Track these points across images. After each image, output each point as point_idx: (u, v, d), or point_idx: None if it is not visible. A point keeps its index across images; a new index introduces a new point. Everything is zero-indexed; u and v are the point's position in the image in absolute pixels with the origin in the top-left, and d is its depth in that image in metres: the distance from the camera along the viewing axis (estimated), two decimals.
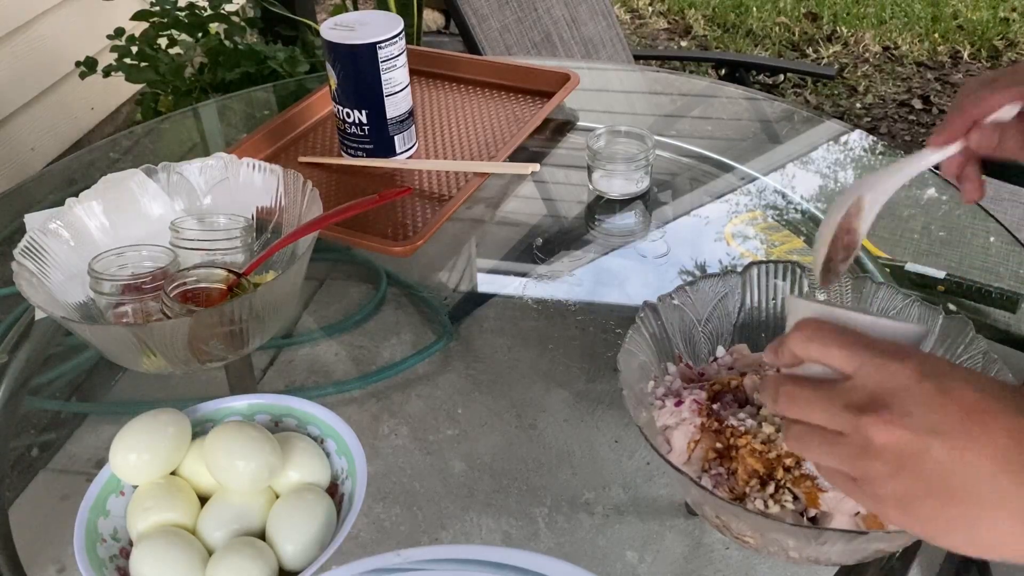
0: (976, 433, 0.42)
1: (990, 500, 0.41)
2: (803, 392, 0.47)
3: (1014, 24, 3.29)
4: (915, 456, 0.42)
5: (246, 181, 0.84)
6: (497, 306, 0.90)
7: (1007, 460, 0.41)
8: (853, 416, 0.44)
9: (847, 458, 0.45)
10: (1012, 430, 0.42)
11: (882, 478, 0.43)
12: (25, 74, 2.26)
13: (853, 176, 1.08)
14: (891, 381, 0.44)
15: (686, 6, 3.55)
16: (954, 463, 0.42)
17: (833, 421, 0.45)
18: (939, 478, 0.42)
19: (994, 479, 0.41)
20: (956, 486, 0.42)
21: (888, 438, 0.43)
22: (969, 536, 0.42)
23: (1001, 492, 0.41)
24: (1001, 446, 0.41)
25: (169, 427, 0.62)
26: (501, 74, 1.20)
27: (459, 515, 0.67)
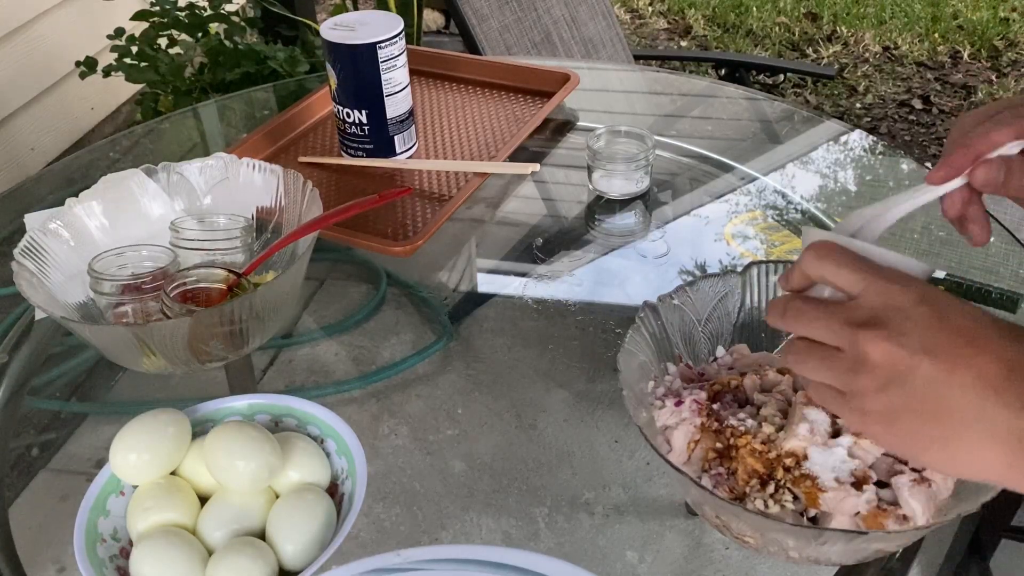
0: (967, 355, 0.43)
1: (972, 420, 0.42)
2: (808, 308, 0.48)
3: (1014, 24, 3.29)
4: (905, 372, 0.44)
5: (246, 181, 0.84)
6: (497, 306, 0.90)
7: (993, 383, 0.42)
8: (851, 331, 0.45)
9: (840, 372, 0.46)
10: (1002, 357, 0.43)
11: (871, 392, 0.45)
12: (25, 74, 2.26)
13: (853, 176, 1.08)
14: (892, 302, 0.45)
15: (686, 6, 3.55)
16: (941, 382, 0.43)
17: (832, 336, 0.47)
18: (925, 395, 0.43)
19: (978, 400, 0.42)
20: (941, 404, 0.43)
21: (881, 353, 0.44)
22: (947, 454, 0.43)
23: (983, 413, 0.42)
24: (989, 370, 0.43)
25: (169, 427, 0.62)
26: (501, 74, 1.20)
27: (459, 515, 0.67)
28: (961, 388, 0.43)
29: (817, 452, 0.56)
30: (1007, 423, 0.42)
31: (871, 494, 0.55)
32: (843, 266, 0.48)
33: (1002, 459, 0.42)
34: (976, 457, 0.43)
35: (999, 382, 0.42)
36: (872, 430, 0.46)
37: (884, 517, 0.54)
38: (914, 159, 1.10)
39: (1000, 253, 0.91)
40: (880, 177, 1.10)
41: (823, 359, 0.47)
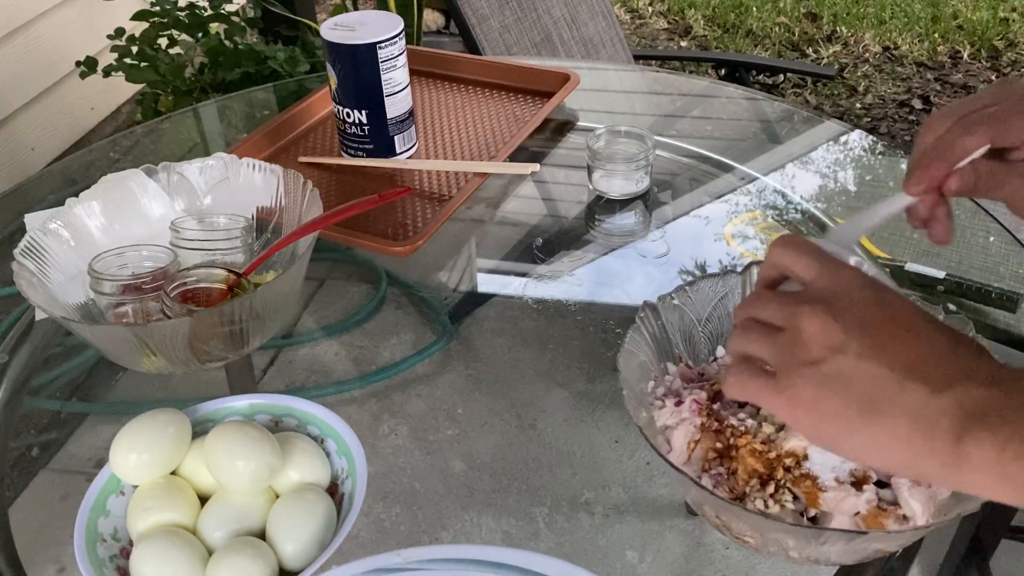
0: (900, 338, 0.44)
1: (894, 401, 0.42)
2: (765, 293, 0.50)
3: (1014, 24, 3.29)
4: (837, 347, 0.44)
5: (246, 181, 0.84)
6: (497, 306, 0.90)
7: (920, 367, 0.43)
8: (793, 307, 0.46)
9: (777, 347, 0.46)
10: (934, 343, 0.44)
11: (801, 367, 0.45)
12: (25, 74, 2.26)
13: (853, 176, 1.08)
14: (838, 285, 0.46)
15: (686, 6, 3.55)
16: (869, 362, 0.43)
17: (777, 313, 0.47)
18: (855, 373, 0.43)
19: (902, 382, 0.43)
20: (868, 382, 0.43)
21: (817, 327, 0.45)
22: (869, 436, 0.43)
23: (905, 395, 0.42)
24: (919, 354, 0.43)
25: (169, 427, 0.62)
26: (501, 74, 1.20)
27: (459, 515, 0.67)
28: (889, 367, 0.43)
29: (817, 452, 0.56)
30: (924, 400, 0.42)
31: (871, 494, 0.55)
32: (802, 255, 0.49)
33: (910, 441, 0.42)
34: (894, 442, 0.42)
35: (926, 364, 0.43)
36: (797, 415, 0.45)
37: (884, 517, 0.54)
38: None
39: (1000, 253, 0.91)
40: (880, 177, 1.10)
41: (763, 334, 0.47)
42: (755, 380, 0.47)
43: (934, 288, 0.85)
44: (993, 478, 0.40)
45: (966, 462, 0.41)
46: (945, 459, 0.41)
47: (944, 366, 0.43)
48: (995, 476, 0.40)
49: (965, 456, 0.41)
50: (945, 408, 0.42)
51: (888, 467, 0.44)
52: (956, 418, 0.41)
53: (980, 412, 0.41)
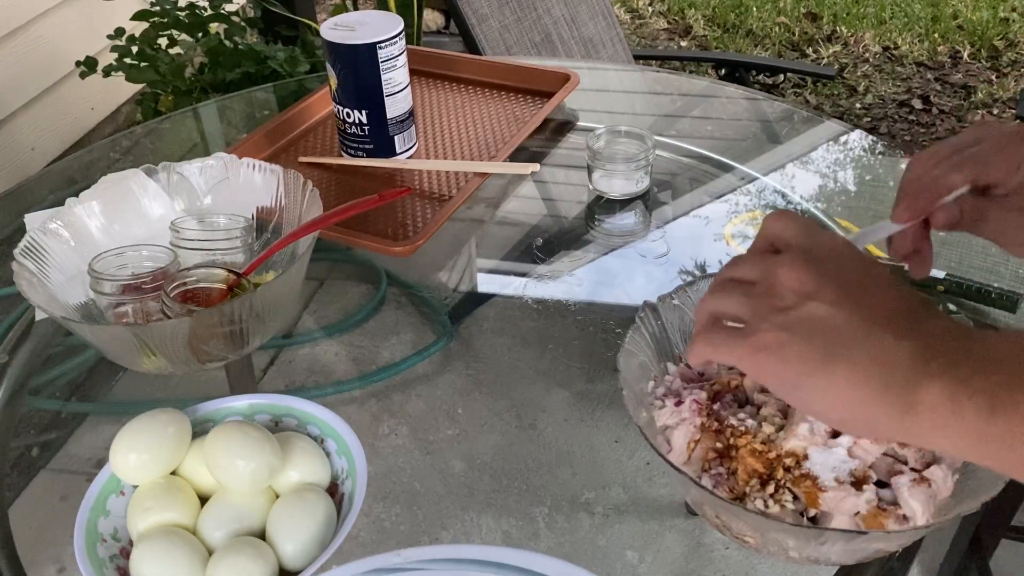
0: (872, 292, 0.45)
1: (857, 347, 0.43)
2: (743, 255, 0.50)
3: (1014, 24, 3.29)
4: (807, 296, 0.45)
5: (246, 181, 0.84)
6: (497, 306, 0.90)
7: (890, 316, 0.43)
8: (772, 260, 0.47)
9: (750, 298, 0.47)
10: (909, 300, 0.45)
11: (771, 313, 0.45)
12: (25, 74, 2.26)
13: (853, 176, 1.08)
14: (819, 244, 0.47)
15: (686, 6, 3.55)
16: (840, 309, 0.44)
17: (754, 270, 0.48)
18: (825, 319, 0.44)
19: (869, 329, 0.43)
20: (833, 331, 0.44)
21: (791, 277, 0.46)
22: (823, 381, 0.43)
23: (870, 342, 0.43)
24: (889, 308, 0.44)
25: (169, 427, 0.62)
26: (501, 74, 1.20)
27: (459, 515, 0.67)
28: (859, 316, 0.44)
29: (817, 452, 0.56)
30: (887, 347, 0.42)
31: (871, 494, 0.55)
32: (791, 221, 0.49)
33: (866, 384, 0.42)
34: (847, 384, 0.42)
35: (896, 316, 0.44)
36: (758, 359, 0.45)
37: (884, 517, 0.54)
38: None
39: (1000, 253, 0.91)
40: (880, 177, 1.10)
41: (739, 289, 0.48)
42: (720, 334, 0.48)
43: (934, 288, 0.85)
44: (946, 415, 0.40)
45: (916, 405, 0.41)
46: (896, 403, 0.41)
47: (911, 319, 0.44)
48: (948, 413, 0.40)
49: (916, 399, 0.41)
50: (905, 353, 0.42)
51: (835, 414, 0.44)
52: (914, 362, 0.42)
53: (937, 357, 0.41)
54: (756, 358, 0.45)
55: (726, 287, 0.49)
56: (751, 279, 0.48)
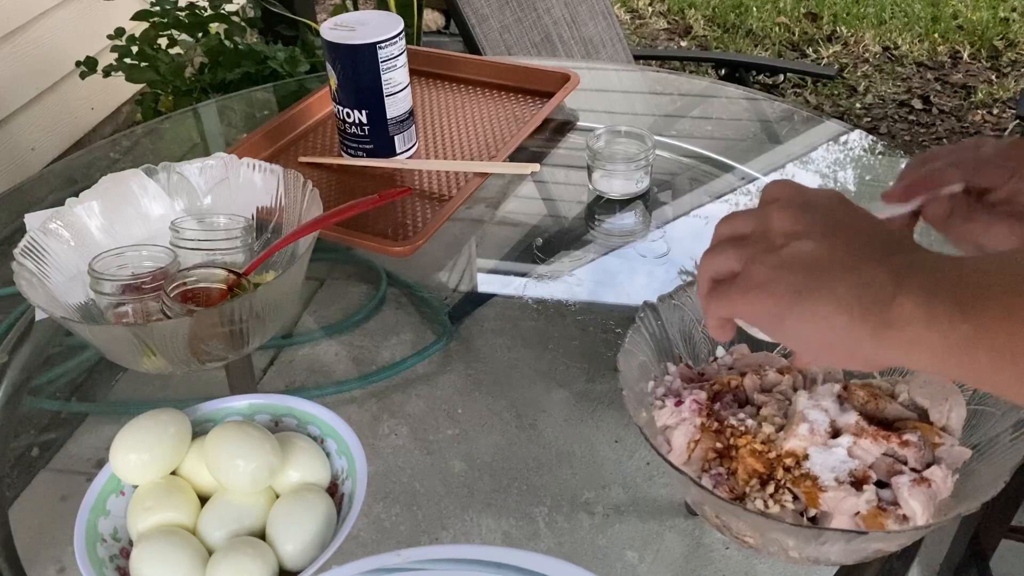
0: (861, 231, 0.47)
1: (841, 275, 0.44)
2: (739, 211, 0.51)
3: (1014, 24, 3.29)
4: (796, 236, 0.46)
5: (246, 181, 0.84)
6: (497, 306, 0.90)
7: (876, 250, 0.45)
8: (765, 208, 0.49)
9: (744, 246, 0.48)
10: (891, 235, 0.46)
11: (762, 253, 0.47)
12: (25, 74, 2.26)
13: (853, 176, 1.08)
14: (809, 194, 0.49)
15: (686, 6, 3.55)
16: (827, 244, 0.45)
17: (749, 222, 0.49)
18: (808, 256, 0.45)
19: (855, 261, 0.44)
20: (819, 263, 0.45)
21: (781, 219, 0.47)
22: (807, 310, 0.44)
23: (853, 271, 0.44)
24: (876, 243, 0.45)
25: (169, 427, 0.62)
26: (501, 74, 1.20)
27: (459, 515, 0.67)
28: (846, 250, 0.45)
29: (817, 452, 0.57)
30: (870, 272, 0.43)
31: (871, 494, 0.55)
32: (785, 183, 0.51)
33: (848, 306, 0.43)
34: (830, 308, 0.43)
35: (877, 246, 0.45)
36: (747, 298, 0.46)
37: (884, 517, 0.54)
38: None
39: None
40: (880, 177, 1.10)
41: (733, 243, 0.49)
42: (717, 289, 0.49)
43: None
44: (920, 326, 0.41)
45: (892, 320, 0.42)
46: (872, 319, 0.42)
47: (891, 249, 0.45)
48: (921, 322, 0.41)
49: (892, 314, 0.42)
50: (883, 275, 0.43)
51: (819, 340, 0.45)
52: (890, 281, 0.43)
53: (912, 276, 0.42)
54: (747, 298, 0.47)
55: (721, 245, 0.50)
56: (746, 232, 0.49)
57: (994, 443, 0.57)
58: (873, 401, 0.61)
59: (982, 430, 0.59)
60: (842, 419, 0.58)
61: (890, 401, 0.61)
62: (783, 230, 0.47)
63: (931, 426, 0.59)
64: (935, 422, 0.60)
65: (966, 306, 0.40)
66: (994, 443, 0.57)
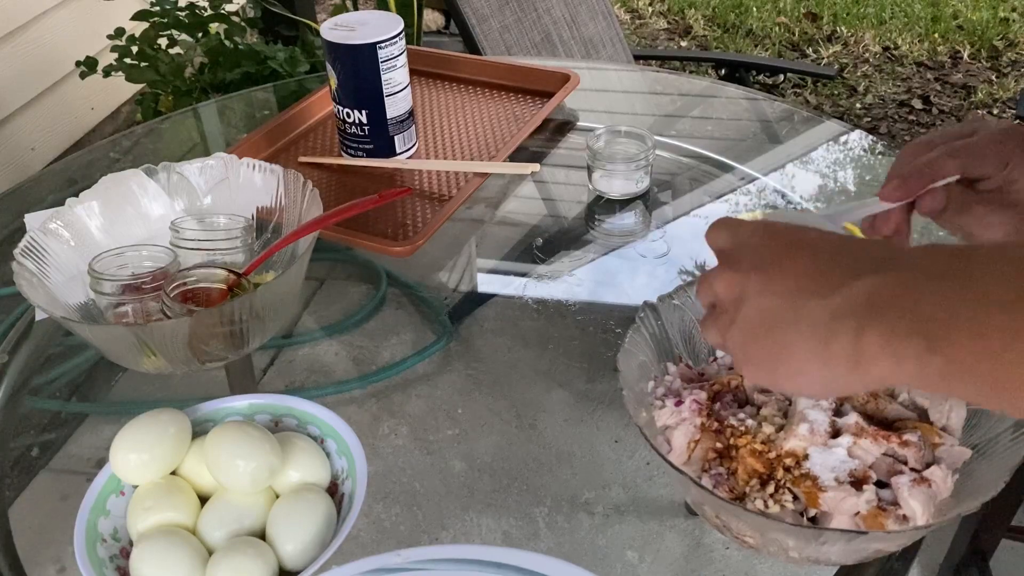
0: (785, 262, 0.44)
1: (794, 323, 0.42)
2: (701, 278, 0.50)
3: (1014, 24, 3.29)
4: (741, 295, 0.45)
5: (246, 181, 0.84)
6: (497, 306, 0.90)
7: (806, 281, 0.43)
8: (710, 279, 0.48)
9: (714, 324, 0.48)
10: (817, 253, 0.44)
11: (728, 333, 0.46)
12: (26, 74, 2.26)
13: (853, 176, 1.08)
14: (737, 238, 0.48)
15: (686, 6, 3.55)
16: (764, 297, 0.44)
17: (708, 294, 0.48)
18: (756, 316, 0.44)
19: (794, 302, 0.43)
20: (767, 319, 0.44)
21: (724, 285, 0.46)
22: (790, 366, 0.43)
23: (802, 313, 0.42)
24: (804, 270, 0.43)
25: (169, 427, 0.62)
26: (501, 74, 1.20)
27: (459, 515, 0.67)
28: (781, 295, 0.43)
29: (817, 452, 0.56)
30: (818, 310, 0.42)
31: (871, 494, 0.55)
32: (716, 229, 0.49)
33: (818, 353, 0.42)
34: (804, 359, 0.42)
35: (812, 277, 0.43)
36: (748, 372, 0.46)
37: (884, 517, 0.54)
38: None
39: None
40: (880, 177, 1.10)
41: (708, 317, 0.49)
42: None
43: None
44: (889, 363, 0.40)
45: (864, 356, 0.40)
46: (848, 359, 0.41)
47: (828, 273, 0.43)
48: (890, 361, 0.40)
49: (863, 350, 0.40)
50: (838, 310, 0.41)
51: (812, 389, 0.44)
52: (852, 316, 0.41)
53: (869, 303, 0.41)
54: (746, 371, 0.47)
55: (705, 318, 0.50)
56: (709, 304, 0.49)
57: (994, 443, 0.57)
58: (873, 401, 0.61)
59: (982, 430, 0.59)
60: (842, 419, 0.58)
61: (890, 401, 0.61)
62: (727, 297, 0.47)
63: (931, 426, 0.59)
64: (935, 422, 0.60)
65: (932, 339, 0.38)
66: (994, 443, 0.57)
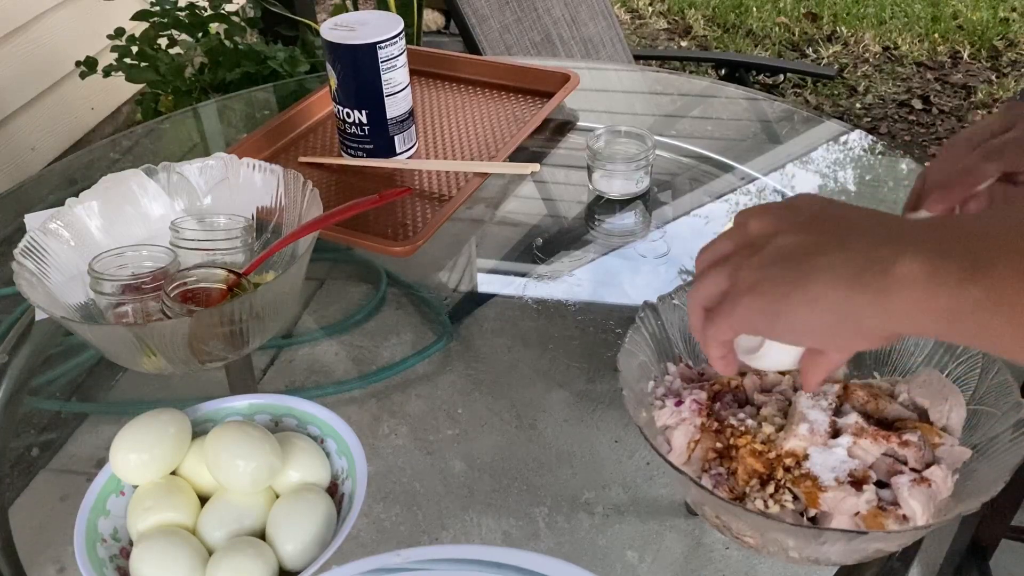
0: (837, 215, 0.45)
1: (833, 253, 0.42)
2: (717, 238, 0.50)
3: (1014, 24, 3.29)
4: (775, 233, 0.45)
5: (246, 181, 0.84)
6: (497, 306, 0.90)
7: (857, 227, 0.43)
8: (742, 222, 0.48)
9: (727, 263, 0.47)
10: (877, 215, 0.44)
11: (744, 263, 0.46)
12: (26, 74, 2.26)
13: (853, 176, 1.08)
14: (791, 200, 0.48)
15: (686, 6, 3.55)
16: (806, 233, 0.44)
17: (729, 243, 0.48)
18: (792, 247, 0.44)
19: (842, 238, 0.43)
20: (805, 249, 0.44)
21: (760, 224, 0.47)
22: (804, 295, 0.43)
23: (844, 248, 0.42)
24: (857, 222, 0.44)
25: (169, 427, 0.62)
26: (501, 74, 1.20)
27: (459, 515, 0.67)
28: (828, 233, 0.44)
29: (817, 452, 0.57)
30: (864, 246, 0.42)
31: (871, 494, 0.55)
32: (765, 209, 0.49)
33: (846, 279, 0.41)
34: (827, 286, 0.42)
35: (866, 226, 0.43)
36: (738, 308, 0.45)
37: (884, 517, 0.54)
38: (914, 159, 1.10)
39: None
40: (880, 177, 1.10)
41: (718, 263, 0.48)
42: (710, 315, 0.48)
43: None
44: (921, 292, 0.39)
45: (896, 281, 0.40)
46: (873, 285, 0.40)
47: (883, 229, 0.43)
48: (922, 289, 0.39)
49: (894, 277, 0.40)
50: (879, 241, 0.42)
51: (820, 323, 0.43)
52: (888, 244, 0.41)
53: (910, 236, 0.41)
54: (737, 307, 0.45)
55: (706, 272, 0.49)
56: (727, 252, 0.48)
57: (994, 443, 0.57)
58: (873, 401, 0.61)
59: (982, 430, 0.59)
60: (842, 419, 0.58)
61: (890, 401, 0.61)
62: (762, 232, 0.46)
63: (931, 426, 0.59)
64: (935, 422, 0.60)
65: (976, 265, 0.37)
66: (994, 443, 0.57)
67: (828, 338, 0.44)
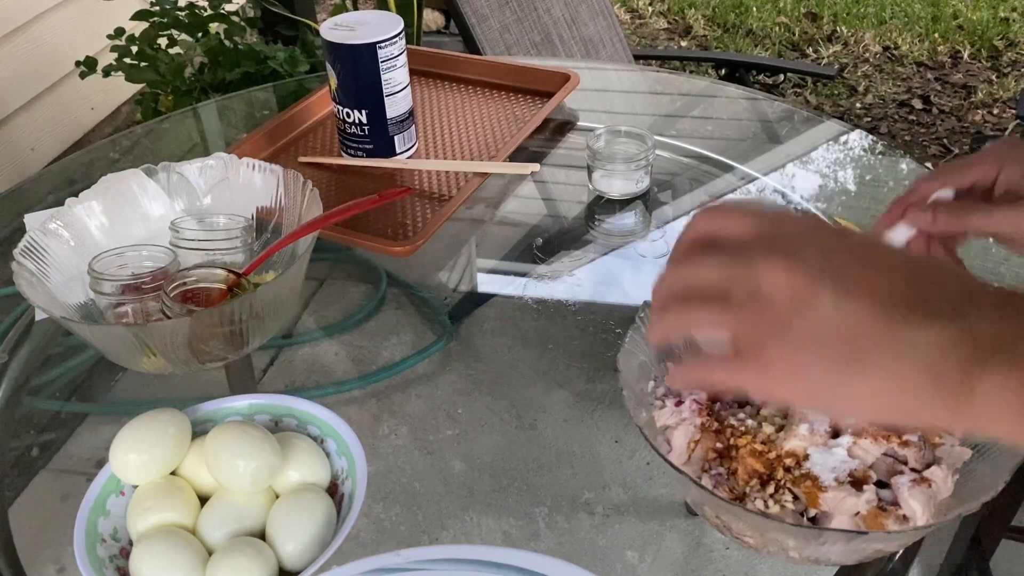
0: (875, 269, 0.39)
1: (878, 335, 0.38)
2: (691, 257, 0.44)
3: (1014, 24, 3.29)
4: (806, 302, 0.39)
5: (246, 181, 0.84)
6: (497, 306, 0.90)
7: (906, 299, 0.38)
8: (744, 263, 0.40)
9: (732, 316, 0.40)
10: (918, 272, 0.39)
11: (772, 334, 0.39)
12: (25, 74, 2.26)
13: (853, 176, 1.08)
14: (787, 228, 0.41)
15: (686, 6, 3.55)
16: (848, 305, 0.38)
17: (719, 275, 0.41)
18: (833, 323, 0.38)
19: (890, 317, 0.38)
20: (849, 332, 0.38)
21: (778, 281, 0.39)
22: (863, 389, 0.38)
23: (898, 333, 0.38)
24: (902, 284, 0.39)
25: (169, 427, 0.62)
26: (501, 74, 1.20)
27: (459, 515, 0.67)
28: (872, 304, 0.38)
29: (817, 452, 0.56)
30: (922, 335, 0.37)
31: (871, 494, 0.55)
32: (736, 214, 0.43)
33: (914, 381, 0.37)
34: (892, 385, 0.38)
35: (914, 293, 0.38)
36: (778, 392, 0.40)
37: (884, 517, 0.54)
38: (914, 159, 1.10)
39: (1000, 253, 0.91)
40: (880, 177, 1.10)
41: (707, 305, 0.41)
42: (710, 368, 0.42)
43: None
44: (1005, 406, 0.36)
45: (972, 397, 0.36)
46: (948, 396, 0.37)
47: (937, 294, 0.38)
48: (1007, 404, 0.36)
49: (973, 392, 0.36)
50: (950, 339, 0.37)
51: (888, 416, 0.39)
52: (965, 349, 0.37)
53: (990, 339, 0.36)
54: (774, 392, 0.41)
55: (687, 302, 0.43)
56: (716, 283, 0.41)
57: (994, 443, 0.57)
58: None
59: None
60: None
61: None
62: (783, 294, 0.39)
63: None
64: None
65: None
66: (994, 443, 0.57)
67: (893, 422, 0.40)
